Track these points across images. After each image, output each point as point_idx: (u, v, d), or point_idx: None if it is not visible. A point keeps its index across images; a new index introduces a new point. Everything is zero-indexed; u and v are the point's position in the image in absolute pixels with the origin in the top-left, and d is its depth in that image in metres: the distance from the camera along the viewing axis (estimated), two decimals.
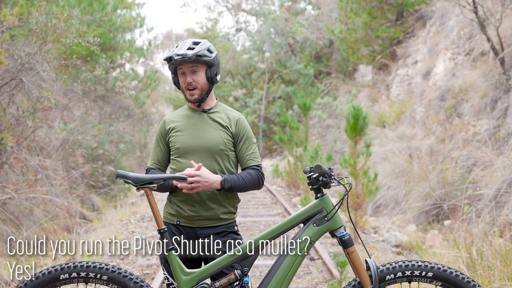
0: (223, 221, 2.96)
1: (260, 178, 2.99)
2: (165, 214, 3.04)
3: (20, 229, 6.67)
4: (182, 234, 2.94)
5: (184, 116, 3.03)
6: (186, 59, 2.86)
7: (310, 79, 14.08)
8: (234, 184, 2.89)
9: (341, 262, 4.61)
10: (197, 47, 2.90)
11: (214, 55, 2.95)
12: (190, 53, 2.86)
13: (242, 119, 3.05)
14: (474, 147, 8.65)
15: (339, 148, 13.91)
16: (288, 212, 9.64)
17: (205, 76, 2.95)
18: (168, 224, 2.99)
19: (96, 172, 10.90)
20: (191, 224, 2.94)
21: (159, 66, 31.17)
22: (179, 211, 2.95)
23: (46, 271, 2.73)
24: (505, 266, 4.82)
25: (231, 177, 2.90)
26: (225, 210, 2.96)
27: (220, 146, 2.95)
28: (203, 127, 2.98)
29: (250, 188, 2.96)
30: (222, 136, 2.97)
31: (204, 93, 2.97)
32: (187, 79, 2.93)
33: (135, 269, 6.17)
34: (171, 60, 2.89)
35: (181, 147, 2.96)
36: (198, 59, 2.88)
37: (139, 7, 16.95)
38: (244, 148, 3.00)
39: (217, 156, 2.94)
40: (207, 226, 2.94)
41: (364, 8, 16.01)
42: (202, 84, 2.95)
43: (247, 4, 25.68)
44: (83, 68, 8.00)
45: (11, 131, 6.70)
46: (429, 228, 8.08)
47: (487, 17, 9.14)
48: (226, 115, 3.03)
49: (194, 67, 2.92)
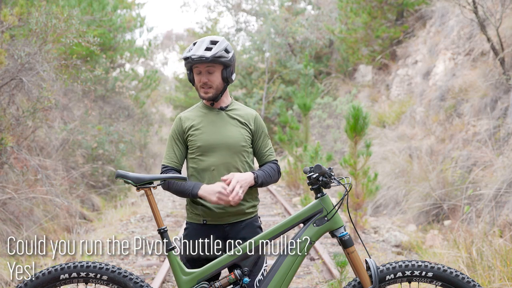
0: (249, 215, 3.01)
1: (279, 171, 3.09)
2: (189, 214, 3.03)
3: (20, 229, 6.67)
4: (210, 233, 2.93)
5: (201, 114, 3.03)
6: (203, 59, 2.87)
7: (310, 79, 14.08)
8: (263, 179, 2.96)
9: (341, 262, 4.61)
10: (215, 48, 2.89)
11: (231, 55, 2.96)
12: (208, 54, 2.87)
13: (259, 116, 3.11)
14: (474, 147, 8.65)
15: (339, 148, 13.90)
16: (288, 212, 9.64)
17: (221, 77, 2.96)
18: (193, 224, 2.99)
19: (96, 172, 10.90)
20: (219, 221, 2.95)
21: (159, 66, 31.19)
22: (205, 210, 2.95)
23: (46, 271, 2.73)
24: (505, 266, 4.82)
25: (259, 172, 2.97)
26: (249, 204, 3.00)
27: (241, 143, 2.98)
28: (223, 124, 2.99)
29: (273, 181, 3.05)
30: (242, 133, 3.00)
31: (219, 92, 2.98)
32: (203, 79, 2.94)
33: (135, 269, 6.17)
34: (188, 59, 2.90)
35: (203, 146, 2.96)
36: (215, 60, 2.88)
37: (139, 7, 16.96)
38: (264, 145, 3.07)
39: (238, 153, 2.96)
40: (235, 222, 2.96)
41: (364, 8, 16.01)
42: (218, 84, 2.96)
43: (247, 4, 25.68)
44: (83, 68, 8.00)
45: (11, 131, 6.70)
46: (429, 228, 8.08)
47: (487, 17, 9.14)
48: (244, 112, 3.06)
49: (211, 67, 2.92)
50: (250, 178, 2.90)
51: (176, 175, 2.78)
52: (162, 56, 44.59)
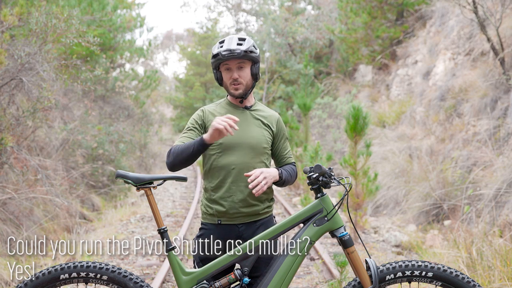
0: (264, 215, 3.01)
1: (297, 174, 3.11)
2: (204, 215, 3.01)
3: (20, 229, 6.67)
4: (225, 233, 2.93)
5: (226, 111, 3.01)
6: (235, 54, 2.86)
7: (310, 79, 14.09)
8: (286, 176, 2.97)
9: (341, 262, 4.61)
10: (245, 43, 2.91)
11: (259, 52, 2.99)
12: (240, 48, 2.87)
13: (281, 118, 3.11)
14: (474, 147, 8.65)
15: (339, 148, 13.91)
16: (288, 212, 9.64)
17: (251, 73, 2.96)
18: (208, 224, 2.98)
19: (96, 172, 10.89)
20: (233, 221, 2.94)
21: (159, 66, 31.19)
22: (219, 210, 2.94)
23: (46, 271, 2.73)
24: (505, 266, 4.82)
25: (282, 170, 2.98)
26: (265, 205, 3.00)
27: (263, 144, 2.98)
28: (247, 124, 2.98)
29: (292, 182, 3.06)
30: (265, 134, 3.00)
31: (248, 89, 2.99)
32: (234, 75, 2.93)
33: (135, 269, 6.17)
34: (218, 55, 2.89)
35: (224, 143, 2.93)
36: (246, 55, 2.89)
37: (139, 7, 16.96)
38: (284, 147, 3.08)
39: (259, 154, 2.96)
40: (249, 222, 2.96)
41: (364, 8, 16.01)
42: (248, 80, 2.96)
43: (247, 4, 25.69)
44: (83, 68, 8.00)
45: (11, 131, 6.70)
46: (429, 228, 8.08)
47: (487, 17, 9.14)
48: (268, 114, 3.06)
49: (241, 63, 2.93)
50: (275, 172, 2.90)
51: (176, 175, 2.78)
52: (162, 56, 44.63)
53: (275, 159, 3.10)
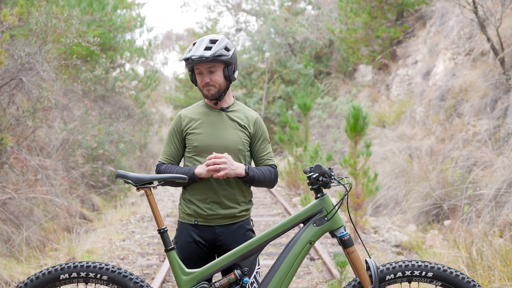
0: (241, 218, 2.99)
1: (276, 177, 3.04)
2: (181, 214, 3.02)
3: (20, 229, 6.66)
4: (201, 234, 2.94)
5: (202, 113, 3.01)
6: (203, 59, 2.84)
7: (310, 79, 14.08)
8: (256, 174, 2.92)
9: (341, 262, 4.61)
10: (214, 46, 2.87)
11: (231, 53, 2.92)
12: (208, 54, 2.84)
13: (260, 119, 3.07)
14: (474, 147, 8.64)
15: (339, 148, 13.90)
16: (288, 212, 9.64)
17: (223, 75, 2.93)
18: (185, 224, 2.98)
19: (96, 172, 10.89)
20: (210, 223, 2.94)
21: (159, 66, 31.17)
22: (197, 211, 2.94)
23: (46, 271, 2.73)
24: (505, 266, 4.82)
25: (252, 167, 2.94)
26: (242, 208, 2.98)
27: (239, 146, 2.96)
28: (222, 126, 2.97)
29: (266, 183, 3.00)
30: (241, 136, 2.97)
31: (222, 91, 2.96)
32: (205, 79, 2.92)
33: (135, 269, 6.16)
34: (188, 60, 2.88)
35: (199, 146, 2.94)
36: (215, 59, 2.86)
37: (139, 7, 16.95)
38: (262, 148, 3.03)
39: (234, 156, 2.94)
40: (226, 224, 2.95)
41: (364, 8, 16.01)
42: (220, 83, 2.93)
43: (247, 4, 25.68)
44: (83, 68, 7.99)
45: (11, 131, 6.69)
46: (429, 228, 8.07)
47: (487, 17, 9.14)
48: (244, 115, 3.03)
49: (211, 67, 2.90)
50: (241, 167, 2.87)
51: (176, 175, 2.78)
52: (162, 56, 44.58)
53: (253, 160, 3.07)
